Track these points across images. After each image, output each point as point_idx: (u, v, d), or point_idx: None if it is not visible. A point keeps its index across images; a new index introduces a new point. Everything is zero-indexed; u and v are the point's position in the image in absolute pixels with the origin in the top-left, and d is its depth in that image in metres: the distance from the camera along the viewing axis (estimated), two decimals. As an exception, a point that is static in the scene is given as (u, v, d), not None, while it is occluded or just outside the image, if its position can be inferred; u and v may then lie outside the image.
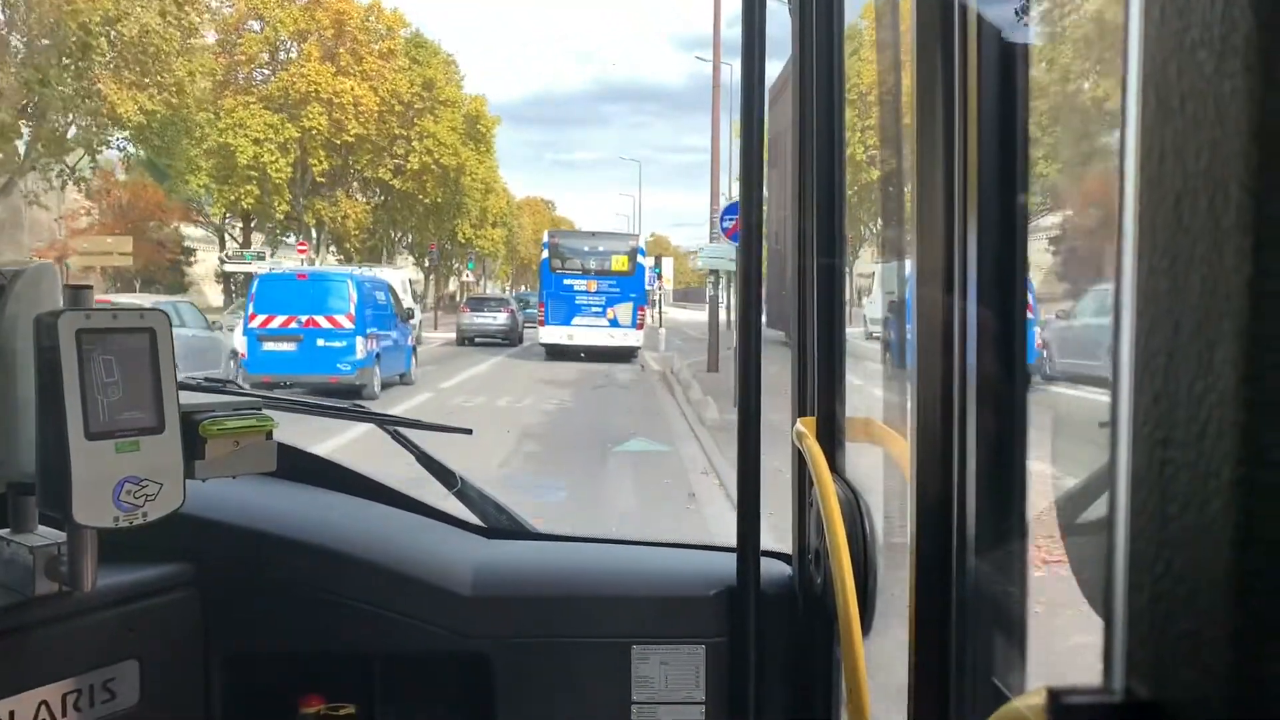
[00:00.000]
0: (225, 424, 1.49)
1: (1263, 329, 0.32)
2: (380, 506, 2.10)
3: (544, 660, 1.83)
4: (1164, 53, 0.36)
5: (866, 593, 1.45)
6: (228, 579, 1.75)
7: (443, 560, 1.90)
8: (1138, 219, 0.37)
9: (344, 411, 2.15)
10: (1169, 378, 0.35)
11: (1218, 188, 0.33)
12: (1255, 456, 0.32)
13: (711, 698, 1.84)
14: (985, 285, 1.06)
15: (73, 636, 1.52)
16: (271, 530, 1.84)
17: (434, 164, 50.06)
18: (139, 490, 1.36)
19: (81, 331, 1.32)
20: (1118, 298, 0.39)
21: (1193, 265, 0.34)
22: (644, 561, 2.00)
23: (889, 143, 2.03)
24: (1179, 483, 0.35)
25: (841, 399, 1.72)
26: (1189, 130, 0.34)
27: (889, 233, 2.35)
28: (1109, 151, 0.88)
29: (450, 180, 52.06)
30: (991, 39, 1.03)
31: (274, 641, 1.81)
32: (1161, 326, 0.36)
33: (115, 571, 1.56)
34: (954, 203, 1.05)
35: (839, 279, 1.78)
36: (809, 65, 1.73)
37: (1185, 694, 0.35)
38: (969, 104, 1.04)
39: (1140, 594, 0.37)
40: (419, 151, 49.43)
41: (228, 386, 1.88)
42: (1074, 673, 0.42)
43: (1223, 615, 0.33)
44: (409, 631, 1.79)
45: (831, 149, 1.72)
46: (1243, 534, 0.32)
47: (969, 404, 1.05)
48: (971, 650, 1.06)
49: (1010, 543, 1.09)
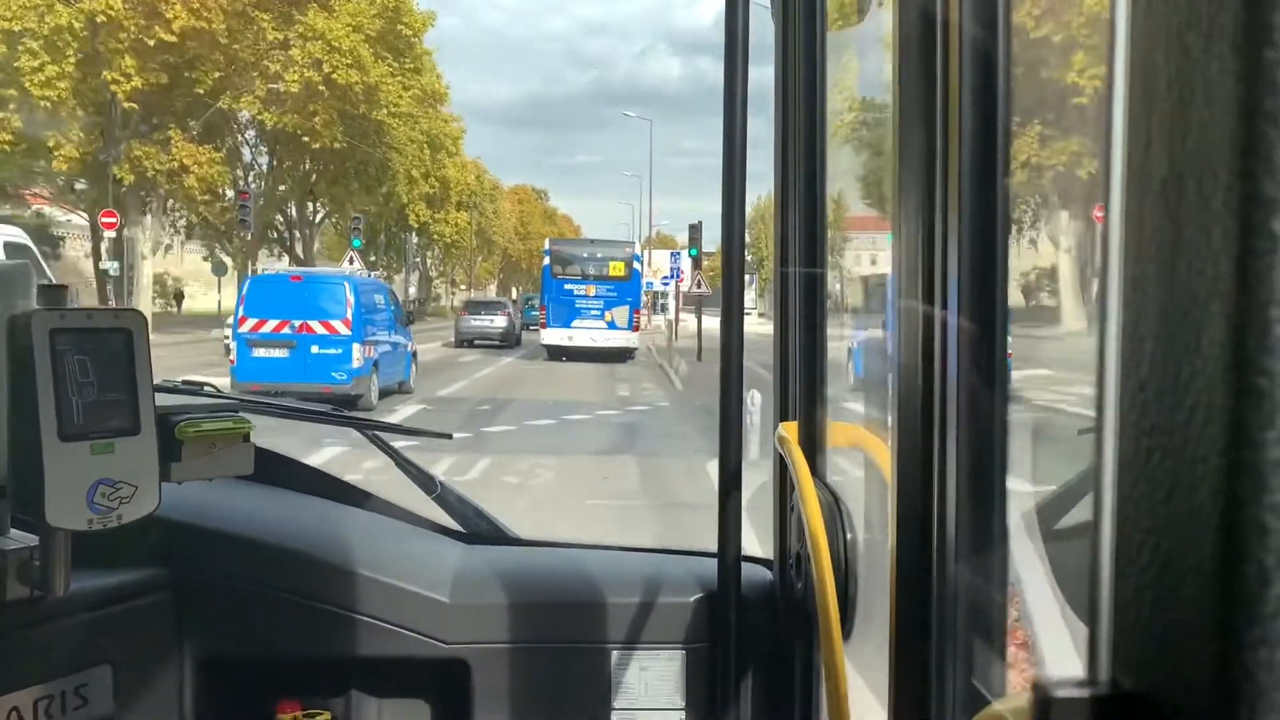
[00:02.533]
0: (202, 426, 1.48)
1: (1251, 312, 0.31)
2: (358, 511, 2.08)
3: (523, 666, 1.81)
4: (1151, 38, 0.36)
5: (847, 597, 1.45)
6: (203, 583, 1.73)
7: (422, 565, 1.89)
8: (1124, 205, 0.37)
9: (322, 415, 2.13)
10: (1155, 364, 0.35)
11: (1205, 170, 0.33)
12: (1243, 441, 0.32)
13: (692, 703, 1.83)
14: (965, 290, 1.06)
15: (45, 641, 1.50)
16: (248, 534, 1.82)
17: (323, 83, 30.90)
18: (113, 493, 1.34)
19: (55, 331, 1.30)
20: (1104, 285, 0.38)
21: (1180, 249, 0.34)
22: (624, 567, 1.99)
23: (870, 148, 2.04)
24: (1165, 469, 0.35)
25: (823, 404, 1.72)
26: (1176, 114, 0.34)
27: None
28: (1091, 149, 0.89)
29: (355, 113, 33.11)
30: (974, 42, 1.04)
31: (250, 647, 1.79)
32: (1148, 312, 0.36)
33: (89, 575, 1.54)
34: (934, 207, 1.05)
35: (820, 285, 1.78)
36: (792, 71, 1.74)
37: (1171, 684, 0.34)
38: (950, 109, 1.04)
39: (1126, 583, 0.37)
40: (301, 64, 30.46)
41: (205, 389, 1.86)
42: (1055, 675, 0.41)
43: (1209, 603, 0.33)
44: (387, 637, 1.78)
45: (813, 155, 1.72)
46: (1229, 520, 0.32)
47: (949, 408, 1.05)
48: (952, 654, 1.05)
49: (991, 547, 1.08)
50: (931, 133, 1.04)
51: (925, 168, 1.05)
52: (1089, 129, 1.92)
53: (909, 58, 1.07)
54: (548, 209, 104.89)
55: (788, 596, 1.77)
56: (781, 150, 1.78)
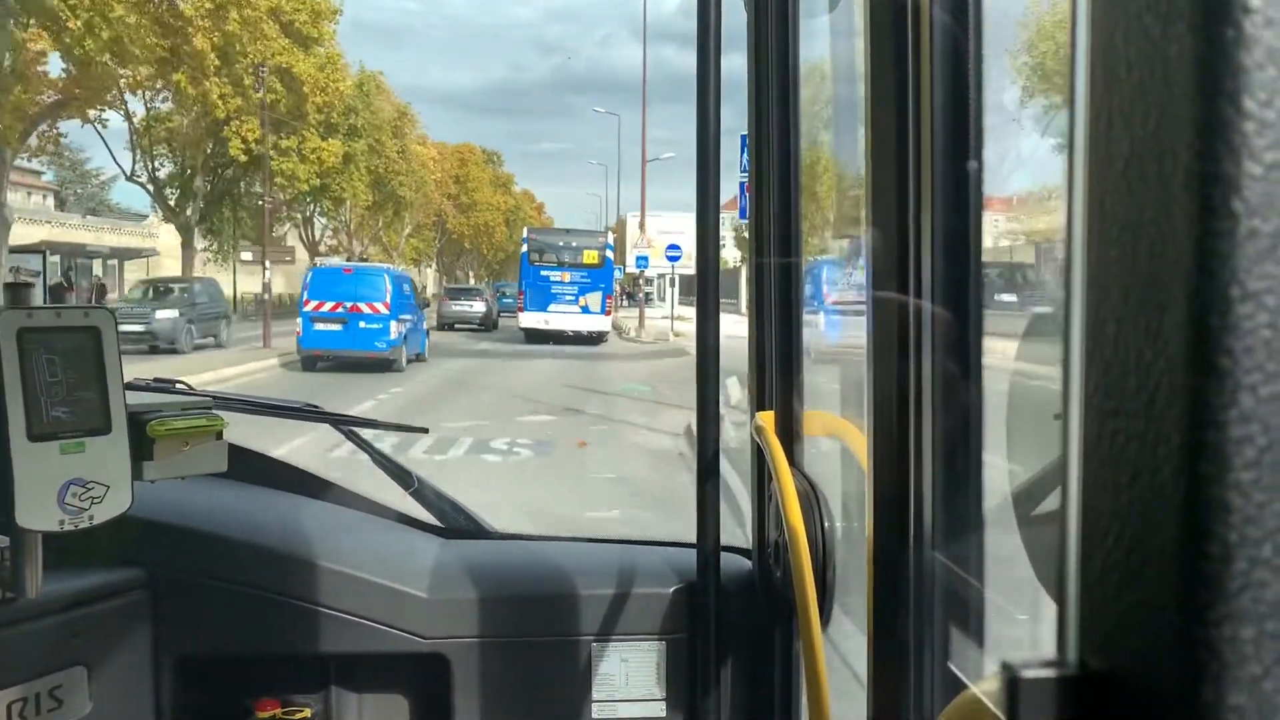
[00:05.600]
0: (174, 424, 1.46)
1: (1213, 291, 0.31)
2: (335, 507, 2.07)
3: (503, 660, 1.81)
4: (1111, 22, 0.36)
5: (825, 585, 1.45)
6: (178, 582, 1.72)
7: (399, 561, 1.88)
8: (1087, 187, 0.37)
9: (296, 411, 2.12)
10: (1118, 346, 0.35)
11: (1165, 150, 0.33)
12: (1205, 420, 0.32)
13: (672, 694, 1.84)
14: (940, 279, 1.06)
15: (17, 644, 1.48)
16: (223, 532, 1.80)
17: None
18: (85, 493, 1.33)
19: (23, 330, 1.28)
20: (1068, 268, 0.38)
21: (1142, 230, 0.34)
22: (603, 559, 1.99)
23: (844, 138, 2.04)
24: (1130, 451, 0.35)
25: (799, 393, 1.72)
26: (1136, 95, 0.34)
27: (844, 228, 2.36)
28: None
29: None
30: (945, 30, 1.04)
31: (227, 645, 1.77)
32: (1111, 294, 0.36)
33: (61, 576, 1.52)
34: (908, 195, 1.05)
35: (796, 276, 1.79)
36: (765, 62, 1.74)
37: (1138, 662, 0.35)
38: (922, 97, 1.04)
39: (1093, 565, 0.37)
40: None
41: (176, 386, 1.84)
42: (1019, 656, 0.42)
43: (1174, 582, 0.33)
44: (365, 633, 1.77)
45: (787, 147, 1.72)
46: (1193, 499, 0.32)
47: (925, 396, 1.06)
48: (929, 639, 1.06)
49: (967, 533, 1.09)
50: (904, 120, 1.05)
51: (897, 156, 1.06)
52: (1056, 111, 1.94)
53: (881, 46, 1.07)
54: (500, 175, 79.52)
55: (766, 585, 1.78)
56: (755, 140, 1.78)
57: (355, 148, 39.98)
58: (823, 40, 1.75)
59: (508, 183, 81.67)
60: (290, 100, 33.96)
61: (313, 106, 34.88)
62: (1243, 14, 0.31)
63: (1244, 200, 0.31)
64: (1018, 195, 3.16)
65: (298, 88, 33.73)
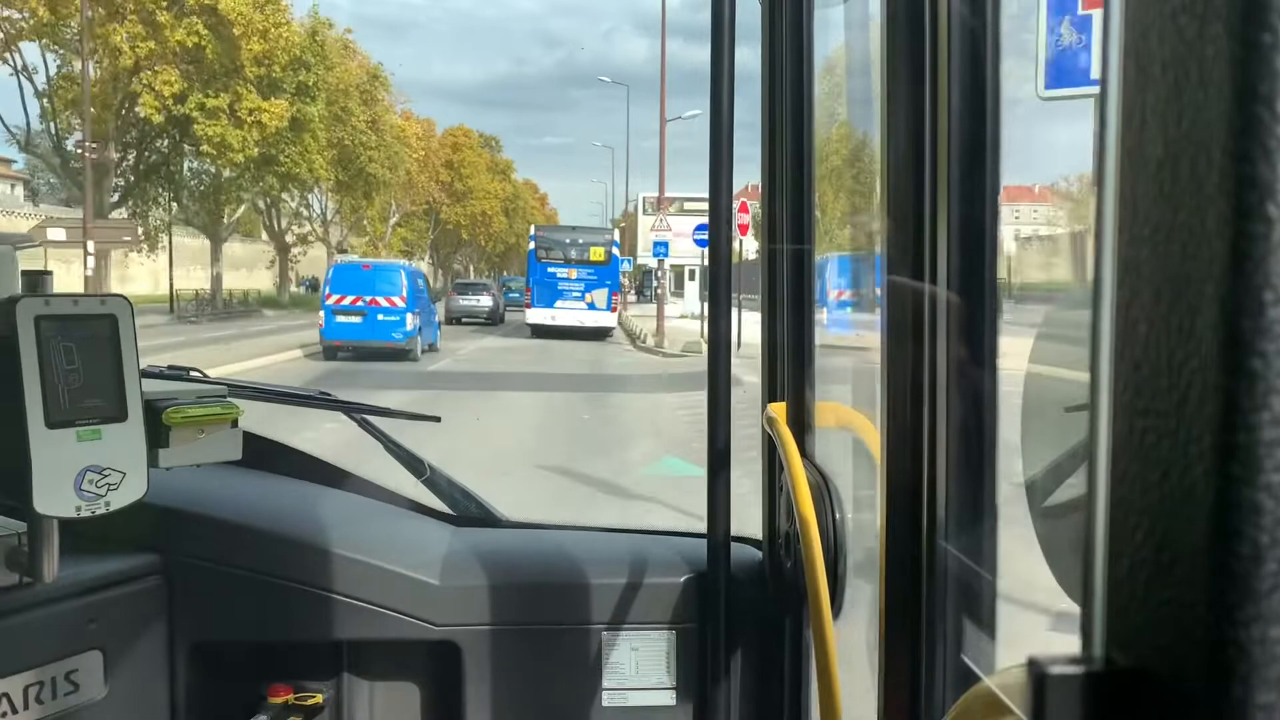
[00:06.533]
0: (189, 412, 1.47)
1: (1245, 294, 0.32)
2: (347, 494, 2.08)
3: (513, 648, 1.82)
4: (1145, 21, 0.36)
5: (837, 576, 1.46)
6: (192, 568, 1.73)
7: (411, 548, 1.89)
8: (1118, 188, 0.37)
9: (310, 399, 2.12)
10: (1149, 346, 0.35)
11: (1200, 152, 0.33)
12: (1237, 422, 0.32)
13: (682, 683, 1.84)
14: (955, 270, 1.06)
15: (34, 628, 1.50)
16: (237, 519, 1.81)
17: None
18: (101, 479, 1.34)
19: (41, 318, 1.29)
20: (1098, 268, 0.38)
21: (1174, 232, 0.34)
22: (614, 548, 2.00)
23: (859, 127, 2.04)
24: (1160, 450, 0.35)
25: (811, 384, 1.72)
26: (1171, 96, 0.34)
27: (859, 218, 2.35)
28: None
29: None
30: (964, 21, 1.03)
31: (240, 631, 1.79)
32: (1142, 294, 0.36)
33: (77, 562, 1.53)
34: (924, 185, 1.05)
35: (809, 265, 1.79)
36: (779, 51, 1.73)
37: (1166, 660, 0.35)
38: (939, 88, 1.04)
39: (1120, 562, 0.37)
40: None
41: (191, 374, 1.85)
42: (1048, 652, 0.42)
43: (1203, 581, 0.33)
44: (377, 620, 1.78)
45: (800, 136, 1.72)
46: (1223, 499, 0.32)
47: (939, 388, 1.06)
48: (942, 631, 1.06)
49: (980, 524, 1.09)
50: (920, 111, 1.04)
51: (914, 146, 1.05)
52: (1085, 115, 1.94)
53: (897, 36, 1.07)
54: (497, 160, 72.22)
55: (777, 576, 1.78)
56: (769, 130, 1.78)
57: (308, 112, 31.99)
58: (837, 30, 1.74)
59: (506, 169, 74.75)
60: (218, 47, 27.03)
61: (248, 56, 27.98)
62: (1279, 18, 0.31)
63: (1279, 204, 0.31)
64: (1038, 186, 3.14)
65: (227, 30, 26.88)
